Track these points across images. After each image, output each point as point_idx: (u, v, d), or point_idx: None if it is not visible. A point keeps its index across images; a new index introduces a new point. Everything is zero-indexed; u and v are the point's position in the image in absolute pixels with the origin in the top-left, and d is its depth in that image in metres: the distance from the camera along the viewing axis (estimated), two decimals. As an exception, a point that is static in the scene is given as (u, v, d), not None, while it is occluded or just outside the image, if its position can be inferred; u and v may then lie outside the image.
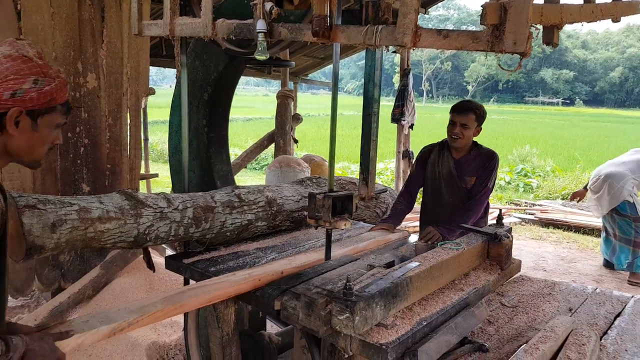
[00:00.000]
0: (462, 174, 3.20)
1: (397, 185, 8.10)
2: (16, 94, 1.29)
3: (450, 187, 3.24)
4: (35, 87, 1.31)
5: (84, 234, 1.98)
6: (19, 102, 1.29)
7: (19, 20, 3.40)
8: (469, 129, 3.10)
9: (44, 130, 1.38)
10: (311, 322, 1.72)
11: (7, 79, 1.28)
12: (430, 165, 3.32)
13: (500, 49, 1.49)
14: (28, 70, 1.31)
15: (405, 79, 7.42)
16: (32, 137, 1.36)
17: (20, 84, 1.29)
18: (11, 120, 1.30)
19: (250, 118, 27.09)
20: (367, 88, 2.38)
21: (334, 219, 2.25)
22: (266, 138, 5.93)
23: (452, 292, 2.09)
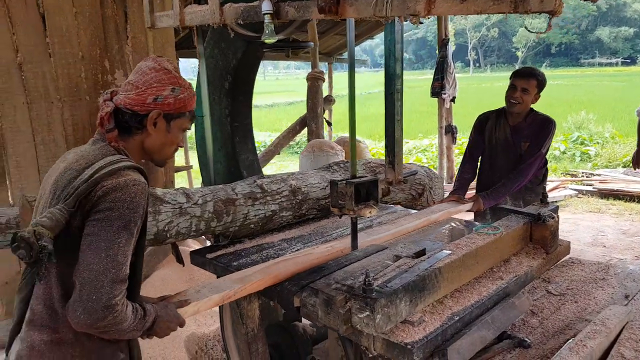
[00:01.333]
0: (518, 139, 3.21)
1: (440, 161, 7.82)
2: (157, 99, 1.51)
3: (506, 153, 3.28)
4: (173, 94, 1.53)
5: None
6: (159, 106, 1.51)
7: (43, 21, 3.41)
8: (528, 95, 3.09)
9: (175, 132, 1.59)
10: (330, 320, 1.61)
11: (151, 86, 1.50)
12: (488, 131, 3.36)
13: (526, 9, 1.30)
14: (167, 80, 1.53)
15: (443, 49, 7.07)
16: (165, 137, 1.57)
17: (161, 90, 1.51)
18: (151, 121, 1.52)
19: (291, 102, 27.07)
20: (388, 64, 2.22)
21: (357, 207, 2.12)
22: (298, 123, 5.81)
23: (490, 282, 1.93)
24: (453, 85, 7.24)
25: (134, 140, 1.54)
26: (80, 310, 1.30)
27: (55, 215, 1.31)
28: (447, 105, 7.47)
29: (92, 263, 1.30)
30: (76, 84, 3.59)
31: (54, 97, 3.49)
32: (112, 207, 1.34)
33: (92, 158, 1.44)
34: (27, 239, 1.25)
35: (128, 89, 1.51)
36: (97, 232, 1.32)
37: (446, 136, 7.65)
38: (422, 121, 17.44)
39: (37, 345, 1.38)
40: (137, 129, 1.52)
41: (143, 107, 1.49)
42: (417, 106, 21.93)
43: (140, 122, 1.51)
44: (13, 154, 3.35)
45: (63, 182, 1.40)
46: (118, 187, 1.35)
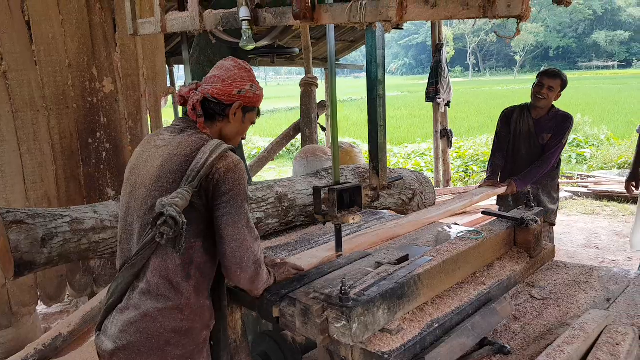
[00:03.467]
0: (540, 131, 3.66)
1: (436, 165, 7.81)
2: (241, 92, 1.71)
3: (528, 143, 3.72)
4: (251, 89, 1.74)
5: (77, 246, 1.93)
6: (241, 98, 1.72)
7: (29, 29, 3.41)
8: (553, 92, 3.55)
9: (247, 123, 1.80)
10: (308, 330, 1.60)
11: (235, 81, 1.71)
12: (513, 123, 3.80)
13: (494, 14, 1.30)
14: (248, 78, 1.75)
15: (438, 54, 7.08)
16: (240, 126, 1.78)
17: (244, 85, 1.72)
18: (234, 110, 1.72)
19: (292, 107, 27.06)
20: (370, 69, 2.20)
21: (341, 214, 2.11)
22: (292, 128, 5.79)
23: (472, 287, 1.91)
24: (447, 89, 7.24)
25: (215, 127, 1.74)
26: (239, 271, 1.62)
27: (185, 195, 1.51)
28: (442, 109, 7.46)
29: (235, 234, 1.59)
30: (63, 92, 3.58)
31: (40, 105, 3.48)
32: (233, 187, 1.59)
33: (195, 144, 1.63)
34: (174, 216, 1.44)
35: (215, 81, 1.71)
36: (229, 211, 1.58)
37: (442, 140, 7.64)
38: (421, 125, 17.47)
39: (150, 312, 1.58)
40: (220, 116, 1.72)
41: (229, 97, 1.70)
42: (416, 110, 21.97)
43: (223, 110, 1.72)
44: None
45: (174, 166, 1.59)
46: (230, 169, 1.59)
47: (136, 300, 1.60)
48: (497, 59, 64.45)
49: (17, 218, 1.77)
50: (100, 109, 3.83)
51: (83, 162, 3.77)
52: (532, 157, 3.69)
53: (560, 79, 3.56)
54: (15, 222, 1.76)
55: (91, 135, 3.80)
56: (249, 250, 1.61)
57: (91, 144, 3.80)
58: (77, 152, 3.73)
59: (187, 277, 1.61)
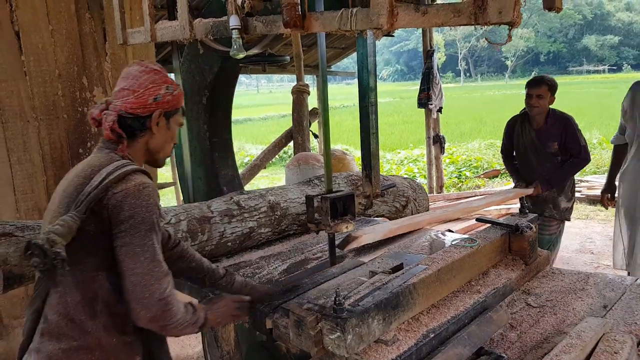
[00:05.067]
0: (545, 141, 3.69)
1: (429, 171, 7.81)
2: (157, 98, 1.55)
3: (536, 154, 3.75)
4: (168, 92, 1.58)
5: (68, 258, 1.89)
6: (159, 105, 1.56)
7: (18, 39, 3.38)
8: (543, 99, 3.60)
9: (173, 128, 1.65)
10: (302, 342, 1.57)
11: (148, 88, 1.54)
12: (516, 136, 3.86)
13: (485, 20, 1.29)
14: (160, 80, 1.58)
15: (429, 61, 7.10)
16: (167, 134, 1.62)
17: (158, 90, 1.56)
18: (155, 120, 1.56)
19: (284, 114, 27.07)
20: (362, 77, 2.19)
21: (334, 222, 2.09)
22: (284, 136, 5.78)
23: (467, 296, 1.89)
24: (439, 95, 7.26)
25: (138, 144, 1.57)
26: (139, 308, 1.39)
27: (68, 222, 1.35)
28: (434, 115, 7.48)
29: (135, 268, 1.39)
30: (53, 102, 3.55)
31: (30, 115, 3.44)
32: (133, 215, 1.40)
33: (99, 165, 1.47)
34: (40, 245, 1.30)
35: (125, 94, 1.54)
36: (128, 242, 1.39)
37: (434, 146, 7.65)
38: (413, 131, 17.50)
39: (54, 354, 1.41)
40: (140, 131, 1.56)
41: (145, 108, 1.54)
42: (408, 117, 22.01)
43: (143, 124, 1.55)
44: (-13, 174, 3.29)
45: (71, 189, 1.44)
46: (130, 194, 1.41)
47: (39, 341, 1.44)
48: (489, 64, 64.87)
49: (6, 230, 1.74)
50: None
51: (74, 173, 3.73)
52: (544, 167, 3.74)
53: (545, 84, 3.61)
54: (4, 234, 1.73)
55: (82, 145, 3.76)
56: (152, 286, 1.39)
57: (82, 154, 3.76)
58: (67, 162, 3.69)
59: (93, 315, 1.43)
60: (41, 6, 3.46)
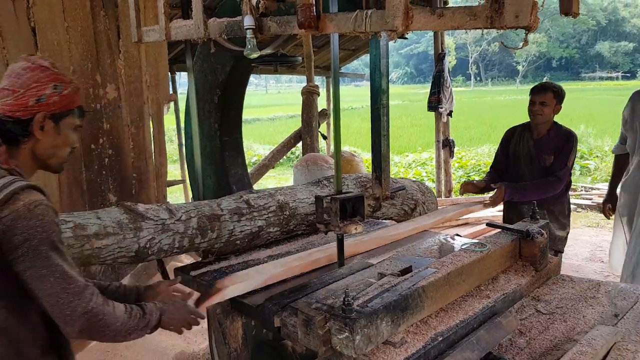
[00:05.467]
0: (541, 152, 3.40)
1: (438, 175, 7.79)
2: (40, 100, 1.41)
3: (529, 166, 3.46)
4: (56, 91, 1.44)
5: (80, 252, 1.91)
6: (43, 107, 1.42)
7: (34, 35, 3.41)
8: (547, 106, 3.33)
9: (66, 133, 1.49)
10: (310, 341, 1.57)
11: (30, 88, 1.40)
12: (512, 146, 3.57)
13: (502, 24, 1.29)
14: (47, 78, 1.43)
15: (440, 64, 7.09)
16: (56, 139, 1.47)
17: (43, 90, 1.42)
18: (37, 125, 1.42)
19: (293, 115, 27.11)
20: (374, 78, 2.19)
21: (343, 223, 2.09)
22: (293, 136, 5.79)
23: (477, 300, 1.88)
24: (450, 99, 7.24)
25: (23, 151, 1.43)
26: (64, 326, 1.34)
27: None
28: (444, 119, 7.46)
29: (47, 289, 1.30)
30: (66, 98, 3.58)
31: (44, 111, 3.48)
32: (29, 237, 1.29)
33: None
34: None
35: (4, 95, 1.40)
36: (30, 266, 1.29)
37: (444, 150, 7.63)
38: (422, 134, 17.47)
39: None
40: (23, 136, 1.41)
41: (26, 111, 1.39)
42: (417, 119, 21.98)
43: (24, 128, 1.40)
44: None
45: None
46: (20, 216, 1.28)
47: None
48: (499, 69, 64.53)
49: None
50: (103, 115, 3.82)
51: (86, 168, 3.76)
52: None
53: (550, 91, 3.34)
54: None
55: (94, 142, 3.79)
56: (71, 303, 1.31)
57: (94, 150, 3.79)
58: (79, 158, 3.72)
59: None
60: (57, 3, 3.50)
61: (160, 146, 4.24)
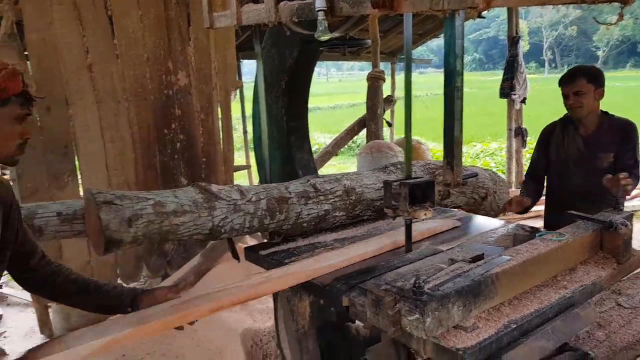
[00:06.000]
0: (595, 151, 2.82)
1: (509, 165, 7.51)
2: None
3: (581, 169, 2.85)
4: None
5: (159, 227, 2.00)
6: None
7: (111, 24, 3.59)
8: (584, 95, 2.76)
9: (4, 125, 1.32)
10: (379, 321, 1.57)
11: None
12: (554, 146, 2.99)
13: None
14: None
15: (514, 48, 6.79)
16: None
17: None
18: None
19: (354, 104, 27.01)
20: (448, 60, 2.12)
21: (412, 208, 2.06)
22: (357, 123, 5.76)
23: (553, 291, 1.81)
24: (524, 85, 6.93)
25: None
26: None
27: None
28: (517, 106, 7.15)
29: None
30: (141, 84, 3.75)
31: (121, 96, 3.67)
32: None
33: None
34: None
35: None
36: None
37: (515, 139, 7.33)
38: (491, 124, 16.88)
39: None
40: None
41: None
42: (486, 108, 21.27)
43: None
44: (83, 151, 3.55)
45: None
46: None
47: None
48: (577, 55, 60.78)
49: (107, 199, 1.86)
50: (175, 101, 3.98)
51: (159, 152, 3.94)
52: (590, 187, 2.74)
53: (581, 76, 2.76)
54: (106, 202, 1.85)
55: (166, 127, 3.96)
56: None
57: (166, 135, 3.96)
58: (154, 142, 3.90)
59: None
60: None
61: (228, 132, 4.36)
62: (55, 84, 3.41)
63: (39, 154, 3.41)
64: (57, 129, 3.46)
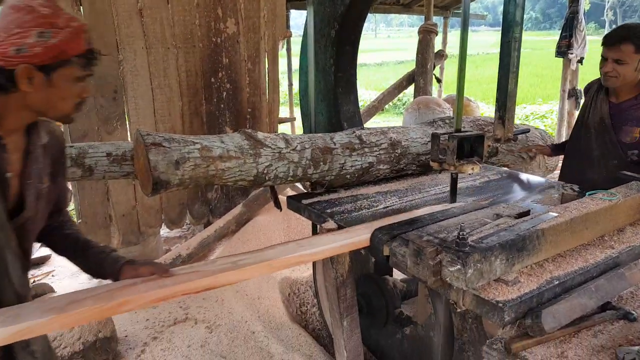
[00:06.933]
0: (619, 122, 2.50)
1: (559, 128, 7.23)
2: (21, 50, 1.18)
3: (601, 141, 2.57)
4: (41, 40, 1.19)
5: (205, 171, 2.05)
6: (26, 58, 1.19)
7: (163, -31, 3.58)
8: (625, 65, 2.39)
9: (62, 86, 1.27)
10: (419, 271, 1.58)
11: (11, 34, 1.18)
12: (583, 108, 2.70)
13: None
14: (32, 22, 1.19)
15: (575, 4, 6.39)
16: (49, 92, 1.27)
17: (24, 38, 1.18)
18: (22, 78, 1.21)
19: (401, 60, 26.37)
20: (507, 10, 2.04)
21: (459, 162, 2.03)
22: (405, 78, 5.62)
23: (599, 250, 1.77)
24: (582, 44, 6.54)
25: (9, 99, 1.25)
26: None
27: None
28: (573, 66, 6.79)
29: None
30: (190, 31, 3.77)
31: (170, 43, 3.70)
32: None
33: None
34: None
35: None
36: None
37: (569, 100, 7.01)
38: (543, 85, 16.20)
39: None
40: (9, 86, 1.22)
41: (6, 61, 1.19)
42: (539, 69, 20.37)
43: (10, 79, 1.21)
44: (132, 96, 3.62)
45: None
46: None
47: None
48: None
49: (156, 141, 1.92)
50: (223, 49, 3.98)
51: (205, 100, 3.99)
52: (608, 158, 2.53)
53: (629, 42, 2.34)
54: (154, 144, 1.90)
55: (214, 75, 3.99)
56: None
57: (213, 84, 3.99)
58: (200, 90, 3.95)
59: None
60: None
61: (274, 82, 4.36)
62: (106, 28, 3.47)
63: (89, 98, 3.51)
64: (108, 73, 3.54)
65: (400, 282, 2.68)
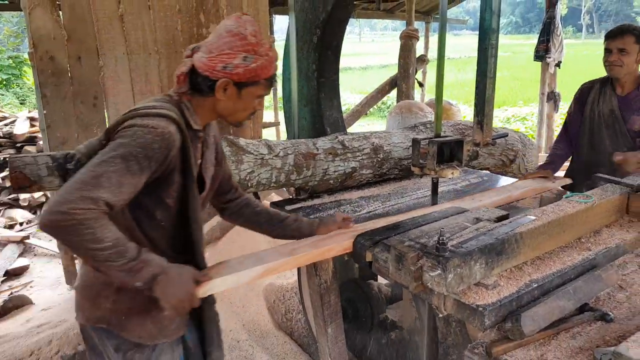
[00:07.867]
0: (628, 112, 2.75)
1: (539, 130, 7.35)
2: (227, 67, 1.46)
3: (612, 130, 2.81)
4: (244, 63, 1.46)
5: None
6: (228, 75, 1.46)
7: (145, -25, 3.56)
8: (628, 55, 2.68)
9: (247, 99, 1.54)
10: (401, 277, 1.60)
11: (222, 52, 1.45)
12: (590, 104, 2.92)
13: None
14: (241, 47, 1.46)
15: (551, 10, 6.52)
16: (237, 103, 1.54)
17: (232, 58, 1.45)
18: (220, 88, 1.48)
19: (385, 64, 26.50)
20: (484, 17, 2.08)
21: (439, 167, 2.07)
22: (388, 83, 5.67)
23: (576, 252, 1.81)
24: (559, 48, 6.68)
25: (205, 102, 1.53)
26: (45, 206, 1.34)
27: (92, 143, 1.50)
28: (552, 70, 6.92)
29: (79, 173, 1.29)
30: (172, 37, 3.75)
31: (152, 48, 3.68)
32: (123, 135, 1.35)
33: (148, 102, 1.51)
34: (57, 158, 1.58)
35: (204, 51, 1.48)
36: (99, 152, 1.34)
37: (548, 103, 7.13)
38: (523, 88, 16.42)
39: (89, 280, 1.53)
40: (207, 92, 1.50)
41: (212, 73, 1.46)
42: (519, 72, 20.66)
43: (210, 86, 1.48)
44: (113, 103, 3.59)
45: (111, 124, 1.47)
46: (138, 124, 1.36)
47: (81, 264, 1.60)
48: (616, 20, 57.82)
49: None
50: (206, 55, 3.97)
51: (188, 107, 3.96)
52: (619, 149, 2.70)
53: (630, 34, 2.67)
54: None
55: (196, 81, 3.97)
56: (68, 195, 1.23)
57: (196, 89, 3.97)
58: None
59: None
60: (166, -58, 3.61)
61: (257, 88, 4.35)
62: (86, 33, 3.43)
63: (69, 104, 3.47)
64: (88, 79, 3.50)
65: (385, 287, 2.70)
